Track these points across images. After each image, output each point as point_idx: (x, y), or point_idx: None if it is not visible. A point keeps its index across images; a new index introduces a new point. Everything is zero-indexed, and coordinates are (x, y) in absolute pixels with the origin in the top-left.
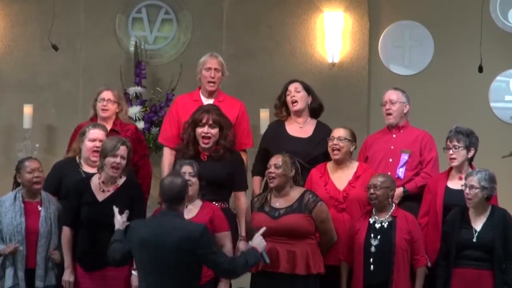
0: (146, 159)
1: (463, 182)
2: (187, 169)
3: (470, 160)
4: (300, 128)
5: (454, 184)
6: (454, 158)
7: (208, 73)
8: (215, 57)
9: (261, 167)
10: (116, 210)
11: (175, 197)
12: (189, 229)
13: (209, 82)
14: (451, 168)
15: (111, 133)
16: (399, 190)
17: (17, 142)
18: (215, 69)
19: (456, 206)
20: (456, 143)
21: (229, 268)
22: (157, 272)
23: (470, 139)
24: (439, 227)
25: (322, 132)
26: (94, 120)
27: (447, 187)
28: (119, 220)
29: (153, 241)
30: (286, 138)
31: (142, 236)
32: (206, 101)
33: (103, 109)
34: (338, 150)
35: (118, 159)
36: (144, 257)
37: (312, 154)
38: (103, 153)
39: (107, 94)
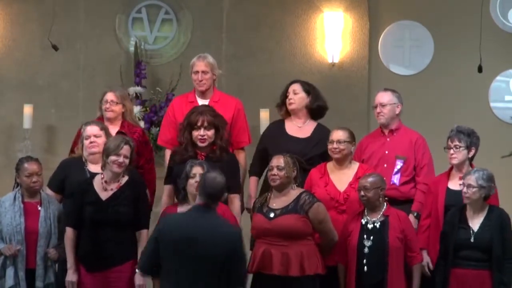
0: (151, 163)
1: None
2: (197, 170)
3: (470, 160)
4: (298, 127)
5: (455, 184)
6: (454, 158)
7: (196, 76)
8: (203, 59)
9: (258, 167)
10: None
11: (216, 195)
12: (228, 230)
13: (198, 83)
14: (451, 168)
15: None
16: (412, 218)
17: (17, 142)
18: (203, 71)
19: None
20: (457, 143)
21: (245, 280)
22: (189, 270)
23: (471, 139)
24: (441, 228)
25: (321, 134)
26: (100, 121)
27: (448, 188)
28: None
29: (190, 238)
30: (284, 137)
31: (177, 234)
32: (201, 101)
33: (106, 111)
34: (339, 152)
35: (121, 158)
36: (178, 254)
37: (309, 155)
38: (106, 151)
39: (109, 96)
